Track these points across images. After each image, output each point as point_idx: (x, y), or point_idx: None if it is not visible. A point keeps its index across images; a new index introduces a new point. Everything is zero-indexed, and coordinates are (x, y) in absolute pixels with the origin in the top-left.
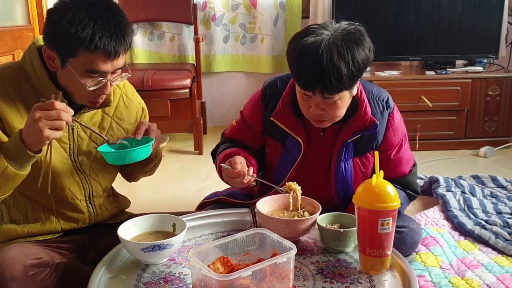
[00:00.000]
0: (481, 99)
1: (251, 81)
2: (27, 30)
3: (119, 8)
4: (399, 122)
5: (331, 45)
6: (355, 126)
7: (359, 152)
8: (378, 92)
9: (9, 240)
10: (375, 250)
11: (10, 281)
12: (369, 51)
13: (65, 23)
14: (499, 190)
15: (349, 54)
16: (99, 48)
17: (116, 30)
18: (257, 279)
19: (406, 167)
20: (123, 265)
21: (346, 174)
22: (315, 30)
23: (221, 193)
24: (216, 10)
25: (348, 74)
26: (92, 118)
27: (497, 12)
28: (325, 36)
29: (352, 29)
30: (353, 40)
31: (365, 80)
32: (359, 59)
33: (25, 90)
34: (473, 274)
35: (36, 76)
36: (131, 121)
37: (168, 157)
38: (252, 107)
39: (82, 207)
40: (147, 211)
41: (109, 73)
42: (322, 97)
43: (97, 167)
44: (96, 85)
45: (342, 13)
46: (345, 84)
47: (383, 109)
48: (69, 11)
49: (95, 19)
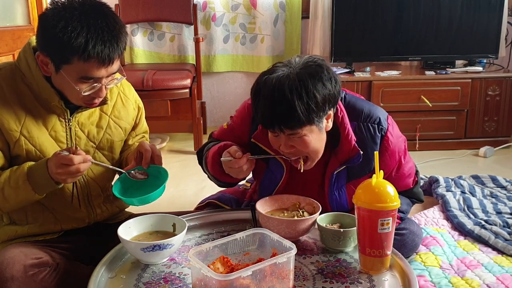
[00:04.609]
0: (481, 99)
1: (251, 81)
2: (27, 30)
3: (113, 12)
4: (395, 143)
5: (283, 80)
6: (341, 155)
7: (351, 178)
8: (369, 112)
9: (9, 240)
10: (375, 250)
11: (10, 281)
12: (331, 83)
13: (57, 31)
14: (499, 190)
15: (302, 88)
16: (92, 56)
17: (109, 37)
18: (257, 279)
19: (409, 180)
20: (123, 265)
21: (341, 200)
22: (276, 68)
23: (212, 197)
24: (216, 10)
25: (304, 108)
26: (90, 117)
27: (497, 12)
28: (280, 73)
29: (310, 62)
30: (308, 73)
31: (357, 97)
32: (316, 92)
33: (21, 89)
34: (473, 274)
35: (32, 76)
36: (128, 120)
37: (168, 157)
38: (241, 116)
39: (81, 207)
40: (147, 211)
41: (104, 78)
42: (284, 134)
43: (94, 166)
44: (90, 90)
45: (342, 13)
46: (302, 119)
47: (374, 132)
48: (62, 19)
49: (88, 27)
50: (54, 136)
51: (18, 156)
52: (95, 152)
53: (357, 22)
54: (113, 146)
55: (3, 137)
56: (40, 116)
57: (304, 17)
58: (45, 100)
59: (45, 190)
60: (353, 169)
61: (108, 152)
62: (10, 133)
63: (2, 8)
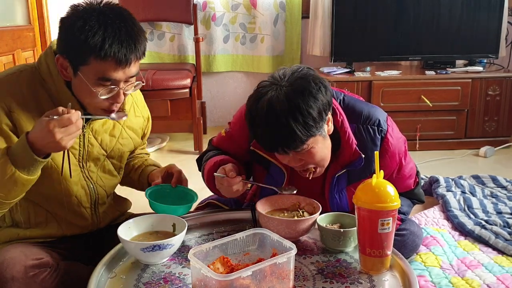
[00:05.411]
0: (481, 99)
1: (251, 81)
2: (27, 30)
3: (132, 15)
4: (395, 144)
5: (274, 104)
6: (342, 159)
7: (352, 181)
8: (369, 114)
9: (10, 241)
10: (375, 250)
11: (10, 281)
12: (321, 92)
13: (75, 30)
14: (499, 190)
15: (295, 109)
16: (109, 55)
17: (127, 37)
18: (257, 279)
19: (410, 181)
20: (123, 265)
21: (342, 203)
22: (262, 89)
23: (212, 197)
24: (216, 10)
25: (302, 127)
26: (103, 125)
27: (497, 12)
28: (269, 95)
29: (295, 77)
30: (297, 91)
31: (356, 98)
32: (309, 108)
33: (40, 94)
34: (473, 274)
35: (52, 82)
36: (139, 130)
37: (168, 157)
38: (238, 122)
39: (86, 215)
40: (147, 211)
41: (122, 82)
42: (289, 154)
43: (103, 174)
44: (108, 94)
45: (342, 13)
46: (302, 138)
47: (374, 135)
48: (80, 19)
49: (105, 26)
50: None
51: None
52: (105, 160)
53: (357, 22)
54: (123, 156)
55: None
56: None
57: (304, 17)
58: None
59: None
60: (354, 172)
61: (117, 161)
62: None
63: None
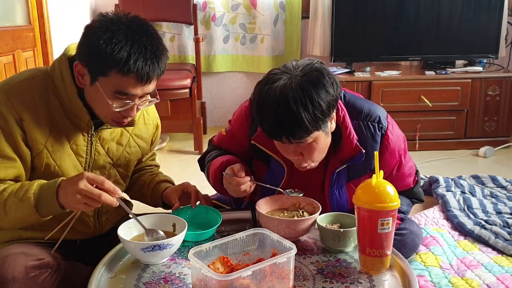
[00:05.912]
0: (481, 99)
1: (251, 81)
2: (27, 30)
3: (157, 33)
4: (395, 141)
5: (286, 91)
6: (343, 155)
7: (352, 177)
8: (369, 111)
9: (11, 241)
10: (375, 250)
11: (11, 282)
12: (333, 87)
13: (102, 42)
14: (499, 190)
15: (307, 98)
16: (132, 71)
17: (151, 56)
18: (257, 279)
19: (409, 179)
20: (123, 265)
21: (341, 199)
22: (274, 75)
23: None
24: (216, 10)
25: (311, 118)
26: (111, 133)
27: (497, 12)
28: (282, 82)
29: (310, 68)
30: (311, 81)
31: (356, 96)
32: (320, 100)
33: (51, 102)
34: (473, 274)
35: (64, 90)
36: (147, 139)
37: (168, 157)
38: (239, 120)
39: (89, 223)
40: (147, 211)
41: (138, 97)
42: (292, 144)
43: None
44: (122, 107)
45: (342, 13)
46: (309, 128)
47: (374, 131)
48: (108, 31)
49: (132, 42)
50: (75, 149)
51: (35, 168)
52: (111, 168)
53: (357, 22)
54: (129, 165)
55: (27, 147)
56: (66, 130)
57: (304, 17)
58: (73, 115)
59: (47, 209)
60: (354, 168)
61: (123, 170)
62: (35, 145)
63: (2, 8)
